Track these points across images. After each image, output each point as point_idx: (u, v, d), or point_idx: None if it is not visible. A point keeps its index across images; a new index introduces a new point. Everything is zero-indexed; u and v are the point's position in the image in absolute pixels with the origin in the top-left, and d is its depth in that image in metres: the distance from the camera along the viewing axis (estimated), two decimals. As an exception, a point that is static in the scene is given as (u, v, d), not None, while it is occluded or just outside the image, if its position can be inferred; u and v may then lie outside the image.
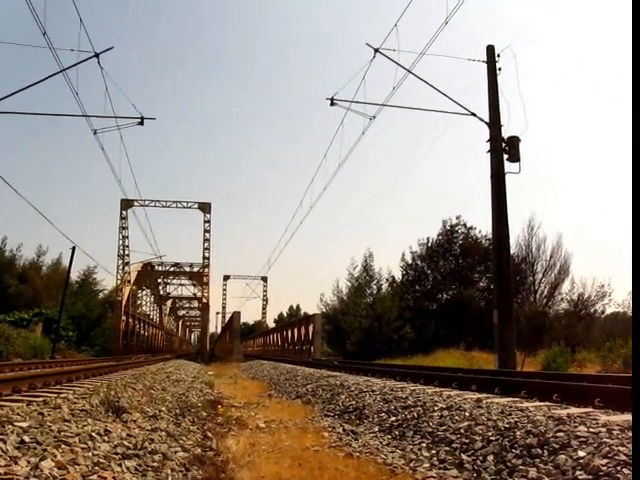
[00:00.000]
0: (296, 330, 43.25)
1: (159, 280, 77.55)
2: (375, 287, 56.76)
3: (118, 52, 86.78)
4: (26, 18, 20.54)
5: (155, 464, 5.86)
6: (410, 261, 53.49)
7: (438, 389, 11.36)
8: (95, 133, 27.10)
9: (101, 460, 5.25)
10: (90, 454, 5.36)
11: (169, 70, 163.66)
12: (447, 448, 7.03)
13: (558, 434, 5.88)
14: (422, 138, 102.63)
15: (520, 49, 57.57)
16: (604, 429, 5.70)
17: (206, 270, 60.69)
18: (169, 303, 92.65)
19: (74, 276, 56.44)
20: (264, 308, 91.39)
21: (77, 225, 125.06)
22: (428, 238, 52.78)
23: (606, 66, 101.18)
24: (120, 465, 5.35)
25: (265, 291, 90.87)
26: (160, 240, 55.85)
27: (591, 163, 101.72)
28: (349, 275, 57.94)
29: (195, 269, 65.81)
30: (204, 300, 62.24)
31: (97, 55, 22.93)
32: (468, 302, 47.17)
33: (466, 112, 22.25)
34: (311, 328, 37.74)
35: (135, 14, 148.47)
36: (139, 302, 70.14)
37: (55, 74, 23.15)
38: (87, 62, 23.01)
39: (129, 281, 55.81)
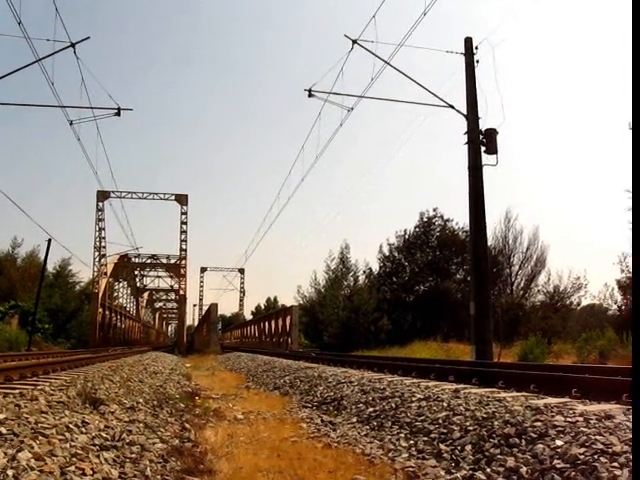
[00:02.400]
0: (273, 322, 43.21)
1: (136, 272, 77.12)
2: (352, 279, 56.87)
3: (94, 42, 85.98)
4: (1, 7, 20.32)
5: (133, 455, 5.85)
6: (387, 253, 53.75)
7: (416, 380, 11.40)
8: (71, 124, 26.91)
9: (79, 451, 5.22)
10: (68, 445, 5.32)
11: (145, 61, 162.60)
12: (425, 438, 7.06)
13: (536, 424, 5.92)
14: (400, 130, 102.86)
15: (498, 42, 57.81)
16: (581, 418, 5.75)
17: (183, 262, 60.47)
18: (146, 295, 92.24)
19: (50, 268, 56.06)
20: (241, 300, 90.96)
21: (53, 216, 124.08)
22: (405, 230, 53.08)
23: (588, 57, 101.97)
24: (98, 456, 5.32)
25: (242, 283, 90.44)
26: (137, 232, 55.86)
27: (568, 154, 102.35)
28: (326, 267, 58.01)
29: (172, 261, 65.50)
30: (181, 292, 62.02)
31: (73, 45, 22.73)
32: (445, 294, 47.43)
33: (444, 104, 22.30)
34: (288, 320, 37.70)
35: (111, 3, 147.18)
36: (116, 294, 69.71)
37: (31, 64, 22.91)
38: (63, 52, 22.81)
39: (106, 273, 55.42)
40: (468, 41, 22.42)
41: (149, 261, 68.12)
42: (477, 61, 22.23)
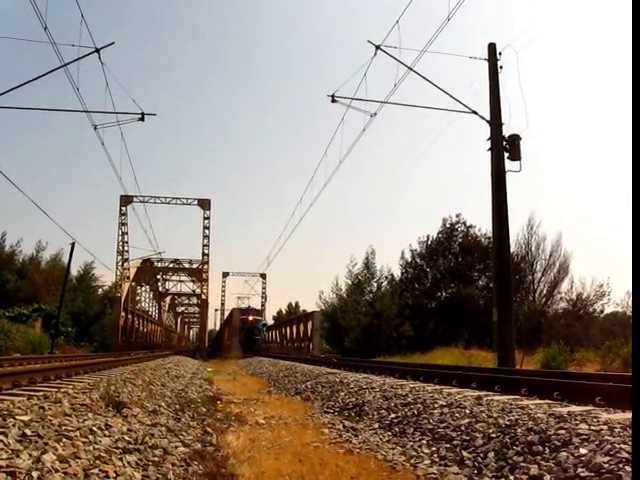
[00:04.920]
0: (295, 327, 43.27)
1: (158, 276, 77.44)
2: (375, 285, 56.80)
3: (119, 47, 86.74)
4: (27, 12, 20.57)
5: (156, 459, 5.85)
6: (410, 259, 53.65)
7: (438, 386, 11.37)
8: (95, 128, 27.05)
9: (102, 454, 5.24)
10: (91, 448, 5.34)
11: (170, 66, 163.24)
12: (448, 445, 7.02)
13: (559, 431, 5.86)
14: (423, 135, 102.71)
15: (522, 47, 57.57)
16: (605, 427, 5.69)
17: (205, 267, 60.58)
18: (168, 299, 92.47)
19: (73, 272, 56.39)
20: (263, 305, 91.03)
21: (77, 220, 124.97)
22: (428, 236, 52.90)
23: (607, 61, 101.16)
24: (121, 459, 5.34)
25: (264, 288, 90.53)
26: (160, 236, 55.95)
27: (590, 161, 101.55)
28: (348, 273, 57.96)
29: (194, 265, 65.61)
30: (203, 297, 62.13)
31: (98, 50, 22.90)
32: (467, 300, 47.21)
33: (467, 110, 22.21)
34: (310, 325, 37.74)
35: (137, 9, 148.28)
36: (138, 298, 69.98)
37: (56, 69, 23.13)
38: (88, 57, 23.01)
39: (128, 277, 55.70)
40: (492, 47, 22.30)
41: (171, 265, 68.27)
42: (501, 67, 22.12)
